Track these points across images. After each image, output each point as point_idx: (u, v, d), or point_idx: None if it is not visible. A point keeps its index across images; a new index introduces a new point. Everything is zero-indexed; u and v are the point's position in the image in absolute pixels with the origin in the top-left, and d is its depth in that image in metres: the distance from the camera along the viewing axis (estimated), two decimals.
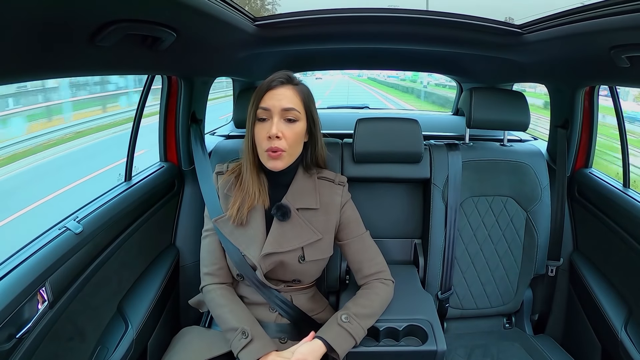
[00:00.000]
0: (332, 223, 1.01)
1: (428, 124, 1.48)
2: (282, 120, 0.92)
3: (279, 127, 0.90)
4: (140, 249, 1.18)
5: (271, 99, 0.92)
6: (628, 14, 0.67)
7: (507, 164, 1.33)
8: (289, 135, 0.92)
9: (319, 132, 1.01)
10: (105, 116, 7.92)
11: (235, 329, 0.91)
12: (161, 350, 1.04)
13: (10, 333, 0.70)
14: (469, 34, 1.08)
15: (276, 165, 0.93)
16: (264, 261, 0.95)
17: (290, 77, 0.95)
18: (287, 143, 0.92)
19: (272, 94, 0.92)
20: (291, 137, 0.93)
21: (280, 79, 0.93)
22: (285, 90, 0.93)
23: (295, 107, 0.92)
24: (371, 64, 2.22)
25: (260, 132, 0.92)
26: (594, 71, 1.06)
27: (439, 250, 1.29)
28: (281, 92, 0.92)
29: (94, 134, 6.08)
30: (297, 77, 0.99)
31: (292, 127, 0.93)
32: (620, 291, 1.19)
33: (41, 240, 0.83)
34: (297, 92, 0.94)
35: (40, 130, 5.72)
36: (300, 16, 1.03)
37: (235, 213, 0.96)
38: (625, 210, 1.15)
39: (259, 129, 0.93)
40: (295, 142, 0.95)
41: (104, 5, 0.56)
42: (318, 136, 1.01)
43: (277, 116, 0.91)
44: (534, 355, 1.22)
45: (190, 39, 0.84)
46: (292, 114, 0.92)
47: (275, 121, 0.91)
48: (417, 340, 0.97)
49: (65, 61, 0.64)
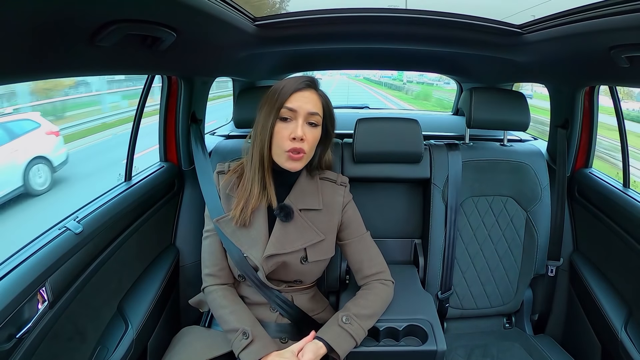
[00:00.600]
0: (334, 223, 1.01)
1: (428, 124, 1.48)
2: (305, 123, 0.92)
3: (303, 130, 0.91)
4: (140, 249, 1.18)
5: (298, 100, 0.91)
6: (628, 14, 0.67)
7: (507, 164, 1.33)
8: (310, 138, 0.93)
9: (330, 138, 1.03)
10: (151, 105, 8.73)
11: (237, 329, 0.92)
12: (161, 350, 1.04)
13: (10, 333, 0.70)
14: (469, 34, 1.08)
15: (295, 166, 0.93)
16: (267, 262, 0.95)
17: (315, 81, 0.96)
18: (308, 146, 0.93)
19: (300, 95, 0.92)
20: (312, 141, 0.94)
21: (307, 81, 0.94)
22: (311, 94, 0.94)
23: (318, 112, 0.94)
24: (371, 64, 2.22)
25: (283, 131, 0.91)
26: (594, 71, 1.06)
27: (439, 250, 1.29)
28: (308, 95, 0.93)
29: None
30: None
31: (313, 131, 0.94)
32: (620, 291, 1.19)
33: (41, 240, 0.83)
34: (320, 97, 0.96)
35: (132, 106, 6.81)
36: (300, 16, 1.03)
37: (238, 214, 0.96)
38: (625, 210, 1.15)
39: (281, 128, 0.92)
40: (314, 146, 0.96)
41: (104, 5, 0.56)
42: (329, 142, 1.03)
43: (302, 118, 0.91)
44: (534, 355, 1.22)
45: (190, 39, 0.84)
46: (315, 119, 0.93)
47: (300, 123, 0.91)
48: (417, 340, 0.97)
49: (65, 61, 0.64)
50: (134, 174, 1.22)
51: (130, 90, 7.86)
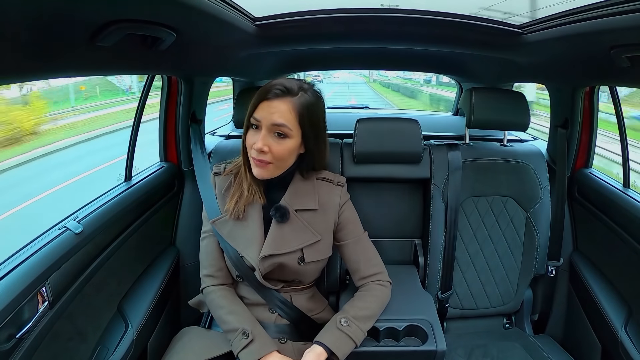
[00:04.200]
0: (330, 223, 1.01)
1: (428, 124, 1.48)
2: (270, 135, 0.88)
3: (265, 141, 0.88)
4: (140, 249, 1.18)
5: (263, 110, 0.88)
6: (628, 14, 0.67)
7: (507, 164, 1.33)
8: (276, 150, 0.89)
9: (319, 145, 0.97)
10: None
11: (236, 329, 0.92)
12: (161, 350, 1.04)
13: (10, 333, 0.70)
14: (469, 34, 1.08)
15: (261, 174, 0.92)
16: (263, 263, 0.95)
17: (288, 89, 0.88)
18: (272, 157, 0.89)
19: (266, 105, 0.88)
20: (278, 153, 0.89)
21: (277, 90, 0.88)
22: (280, 103, 0.88)
23: (287, 123, 0.87)
24: (371, 64, 2.22)
25: (250, 139, 0.91)
26: (594, 71, 1.06)
27: (439, 250, 1.29)
28: (275, 105, 0.87)
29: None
30: (305, 84, 0.93)
31: (282, 142, 0.89)
32: (620, 291, 1.19)
33: (41, 240, 0.83)
34: (293, 107, 0.88)
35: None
36: (300, 16, 1.03)
37: (232, 207, 0.97)
38: (625, 210, 1.14)
39: (250, 135, 0.92)
40: (283, 157, 0.91)
41: (104, 5, 0.56)
42: (316, 149, 0.96)
43: (265, 129, 0.88)
44: (534, 355, 1.22)
45: (190, 39, 0.84)
46: (282, 130, 0.88)
47: (262, 134, 0.88)
48: (417, 341, 0.97)
49: (66, 61, 0.64)
50: (134, 173, 1.22)
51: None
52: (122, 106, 9.02)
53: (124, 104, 9.33)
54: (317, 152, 0.97)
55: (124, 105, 9.14)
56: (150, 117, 1.36)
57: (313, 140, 0.94)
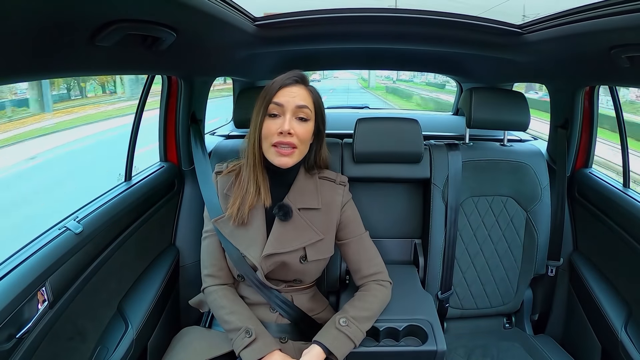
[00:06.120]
0: (332, 223, 1.01)
1: (428, 124, 1.48)
2: (294, 118, 0.92)
3: (291, 124, 0.91)
4: (140, 249, 1.17)
5: (285, 95, 0.92)
6: (628, 14, 0.67)
7: (507, 164, 1.33)
8: (300, 132, 0.92)
9: (321, 137, 1.02)
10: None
11: (239, 328, 0.91)
12: (161, 350, 1.04)
13: (10, 333, 0.70)
14: (469, 34, 1.08)
15: (285, 162, 0.92)
16: (265, 262, 0.95)
17: (303, 77, 0.96)
18: (298, 140, 0.92)
19: (287, 90, 0.93)
20: (303, 135, 0.93)
21: (294, 77, 0.94)
22: (299, 89, 0.94)
23: (308, 105, 0.93)
24: (371, 64, 2.22)
25: (271, 127, 0.91)
26: (594, 71, 1.06)
27: (439, 250, 1.29)
28: (295, 90, 0.93)
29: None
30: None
31: (304, 125, 0.93)
32: (620, 291, 1.19)
33: (41, 240, 0.83)
34: (309, 92, 0.96)
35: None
36: (300, 16, 1.03)
37: (235, 212, 0.95)
38: (625, 210, 1.15)
39: (269, 123, 0.92)
40: (306, 140, 0.95)
41: (104, 5, 0.56)
42: (321, 140, 1.02)
43: (290, 113, 0.91)
44: (534, 355, 1.22)
45: (190, 39, 0.84)
46: (305, 113, 0.93)
47: (287, 118, 0.91)
48: (417, 341, 0.96)
49: (66, 61, 0.64)
50: (134, 173, 1.22)
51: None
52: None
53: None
54: (320, 143, 1.03)
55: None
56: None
57: (322, 126, 1.00)
